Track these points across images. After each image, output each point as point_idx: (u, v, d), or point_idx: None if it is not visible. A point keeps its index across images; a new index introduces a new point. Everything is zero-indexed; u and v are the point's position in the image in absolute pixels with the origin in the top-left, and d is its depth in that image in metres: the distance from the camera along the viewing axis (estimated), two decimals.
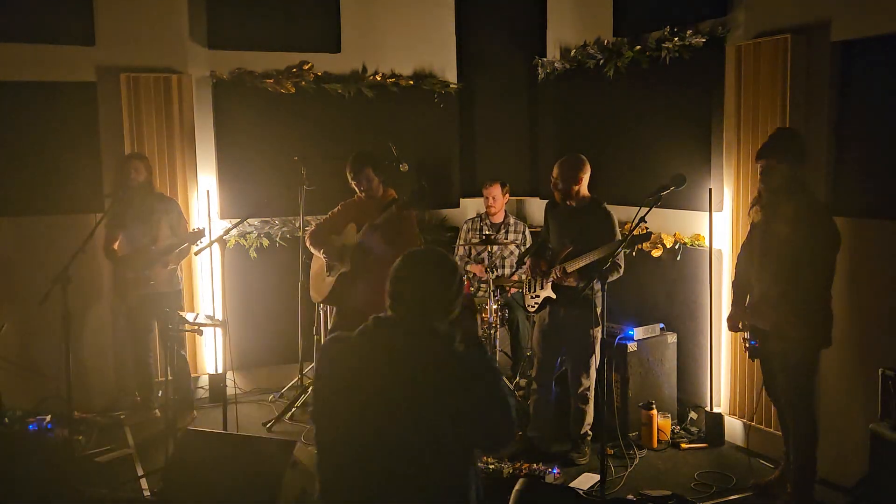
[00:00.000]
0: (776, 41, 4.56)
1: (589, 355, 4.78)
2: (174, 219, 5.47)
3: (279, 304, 6.28)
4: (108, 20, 5.80)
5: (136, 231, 5.41)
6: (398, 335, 2.52)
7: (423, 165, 6.59)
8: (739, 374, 4.90)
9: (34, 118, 5.69)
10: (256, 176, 6.21)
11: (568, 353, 4.87)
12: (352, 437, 2.49)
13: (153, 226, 5.39)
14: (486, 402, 2.47)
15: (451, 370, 2.47)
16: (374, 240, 4.79)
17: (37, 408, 5.23)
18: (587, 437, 4.90)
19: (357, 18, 6.47)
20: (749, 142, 4.74)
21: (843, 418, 4.40)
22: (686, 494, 4.27)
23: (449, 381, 2.45)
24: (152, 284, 5.38)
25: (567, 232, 4.77)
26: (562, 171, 4.72)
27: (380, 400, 2.46)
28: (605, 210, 4.71)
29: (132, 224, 5.41)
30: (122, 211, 5.36)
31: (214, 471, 3.72)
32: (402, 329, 2.53)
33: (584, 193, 4.75)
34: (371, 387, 2.48)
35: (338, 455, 2.54)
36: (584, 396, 4.84)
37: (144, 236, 5.39)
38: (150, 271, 5.36)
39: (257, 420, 5.63)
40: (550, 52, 6.67)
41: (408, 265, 2.61)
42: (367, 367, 2.51)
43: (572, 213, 4.76)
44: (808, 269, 3.91)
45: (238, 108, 6.16)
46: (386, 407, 2.45)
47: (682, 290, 5.42)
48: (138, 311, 5.49)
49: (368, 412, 2.46)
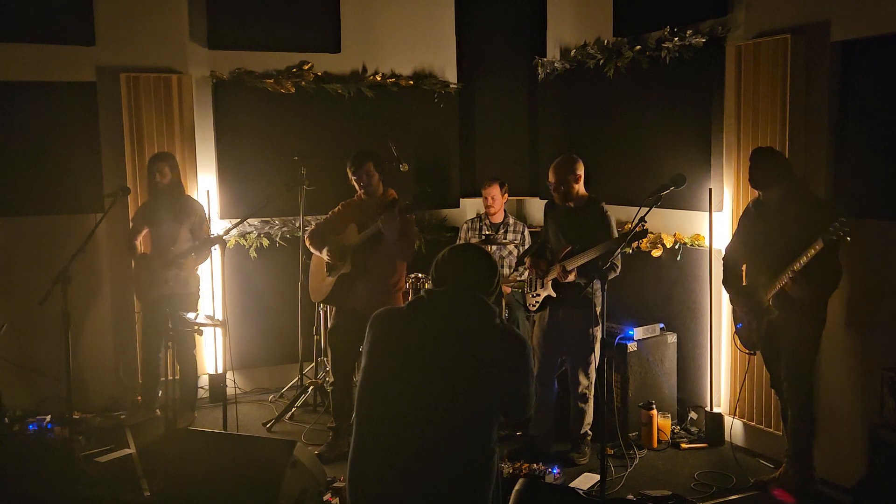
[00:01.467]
0: (776, 41, 4.56)
1: (588, 355, 4.79)
2: (195, 222, 5.48)
3: (279, 304, 6.29)
4: (108, 20, 5.80)
5: (160, 230, 5.44)
6: (446, 301, 2.80)
7: (423, 165, 6.59)
8: (739, 374, 4.90)
9: (34, 118, 5.70)
10: (256, 176, 6.22)
11: (567, 352, 4.88)
12: (394, 392, 2.74)
13: (177, 227, 5.42)
14: (519, 373, 2.76)
15: (493, 336, 2.76)
16: (392, 226, 4.69)
17: (37, 408, 5.23)
18: (587, 437, 4.91)
19: (357, 18, 6.47)
20: (749, 142, 4.73)
21: (843, 418, 4.40)
22: (686, 494, 4.28)
23: (489, 346, 2.74)
24: (168, 285, 5.39)
25: (565, 232, 4.78)
26: (557, 173, 4.72)
27: (423, 357, 2.73)
28: (602, 209, 4.72)
29: (159, 222, 5.44)
30: (152, 209, 5.41)
31: (214, 471, 3.73)
32: (451, 296, 2.81)
33: (582, 193, 4.76)
34: (416, 346, 2.76)
35: (378, 408, 2.77)
36: (584, 396, 4.85)
37: (167, 236, 5.41)
38: (166, 272, 5.37)
39: (257, 420, 5.63)
40: (550, 52, 6.67)
41: (454, 253, 2.91)
42: (414, 329, 2.79)
43: (570, 213, 4.77)
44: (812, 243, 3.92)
45: (238, 108, 6.17)
46: (429, 363, 2.72)
47: (682, 290, 5.42)
48: (152, 310, 5.49)
49: (411, 368, 2.73)
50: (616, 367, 5.16)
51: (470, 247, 3.03)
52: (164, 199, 5.43)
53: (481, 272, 2.87)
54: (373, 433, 2.79)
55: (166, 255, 5.37)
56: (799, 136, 4.54)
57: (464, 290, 2.82)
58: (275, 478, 3.58)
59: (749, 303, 4.28)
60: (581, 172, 4.72)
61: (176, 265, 5.36)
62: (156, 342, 5.57)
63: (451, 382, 2.71)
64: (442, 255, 2.91)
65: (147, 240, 5.56)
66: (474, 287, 2.84)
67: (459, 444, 2.71)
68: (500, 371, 2.73)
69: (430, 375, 2.72)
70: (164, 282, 5.38)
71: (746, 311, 4.31)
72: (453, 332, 2.76)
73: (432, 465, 2.71)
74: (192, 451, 3.87)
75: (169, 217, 5.42)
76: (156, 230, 5.47)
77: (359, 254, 4.93)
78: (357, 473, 2.82)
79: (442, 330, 2.77)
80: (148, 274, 5.42)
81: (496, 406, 2.74)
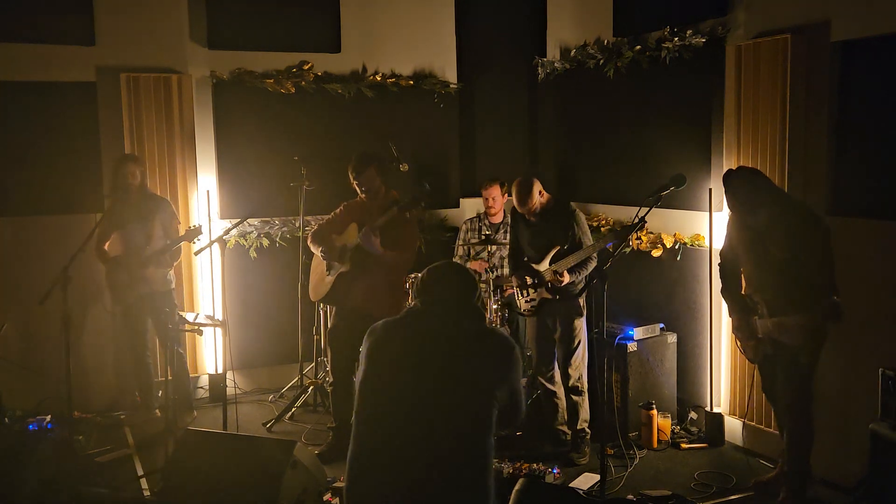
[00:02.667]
0: (776, 41, 4.56)
1: (573, 347, 4.80)
2: (166, 218, 5.47)
3: (279, 304, 6.28)
4: (108, 20, 5.79)
5: (131, 232, 5.40)
6: (440, 307, 2.99)
7: (423, 165, 6.59)
8: (739, 374, 4.90)
9: (34, 118, 5.69)
10: (256, 176, 6.21)
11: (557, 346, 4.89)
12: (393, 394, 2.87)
13: (147, 226, 5.39)
14: (510, 373, 2.90)
15: (485, 338, 2.96)
16: (373, 242, 4.78)
17: (37, 408, 5.23)
18: (586, 437, 4.91)
19: (357, 18, 6.47)
20: (749, 142, 4.74)
21: (843, 418, 4.40)
22: (686, 494, 4.28)
23: (482, 347, 2.92)
24: (147, 285, 5.39)
25: (537, 237, 4.85)
26: (521, 201, 4.77)
27: (421, 360, 2.89)
28: (570, 209, 4.79)
29: (128, 225, 5.40)
30: (118, 212, 5.36)
31: (214, 471, 3.72)
32: (444, 303, 2.99)
33: (543, 200, 4.80)
34: (414, 350, 2.92)
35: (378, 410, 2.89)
36: (576, 388, 4.86)
37: (139, 237, 5.38)
38: (144, 272, 5.36)
39: (257, 420, 5.63)
40: (550, 52, 6.66)
41: (435, 271, 3.08)
42: (411, 334, 2.97)
43: (540, 218, 4.82)
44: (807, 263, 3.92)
45: (238, 108, 6.16)
46: (426, 365, 2.87)
47: (682, 290, 5.42)
48: (135, 311, 5.48)
49: (410, 371, 2.88)
50: (616, 367, 5.16)
51: (448, 264, 3.20)
52: (132, 200, 5.37)
53: (464, 284, 3.06)
54: (372, 434, 2.86)
55: (141, 255, 5.34)
56: (799, 136, 4.54)
57: (454, 300, 3.00)
58: (275, 478, 3.58)
59: (744, 322, 4.23)
60: (540, 187, 4.77)
61: (154, 262, 5.34)
62: (142, 343, 5.57)
63: (449, 383, 2.84)
64: (422, 276, 3.08)
65: (116, 244, 5.49)
66: (461, 298, 3.02)
67: (458, 445, 2.80)
68: (493, 371, 2.88)
69: (428, 377, 2.86)
70: (144, 280, 5.36)
71: (743, 333, 4.25)
72: (449, 336, 2.93)
73: (432, 465, 2.77)
74: (192, 450, 3.87)
75: (137, 218, 5.37)
76: (127, 233, 5.40)
77: (358, 253, 4.93)
78: (356, 475, 2.87)
79: (438, 334, 2.93)
80: (125, 275, 5.39)
81: (491, 406, 2.84)
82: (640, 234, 5.54)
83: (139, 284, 5.38)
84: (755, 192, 4.00)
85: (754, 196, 4.00)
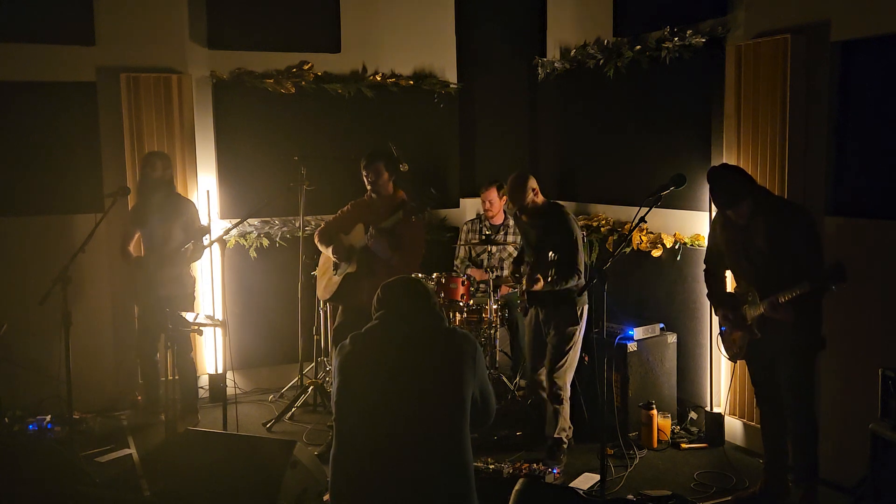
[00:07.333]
0: (776, 41, 4.56)
1: (562, 355, 4.72)
2: (187, 221, 5.43)
3: (279, 304, 6.28)
4: (108, 20, 5.80)
5: (152, 230, 5.38)
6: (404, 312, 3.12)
7: (423, 165, 6.59)
8: (739, 374, 4.90)
9: (34, 118, 5.69)
10: (256, 176, 6.22)
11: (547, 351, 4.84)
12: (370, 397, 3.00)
13: (168, 226, 5.38)
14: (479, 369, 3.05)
15: (448, 337, 3.08)
16: (380, 245, 4.81)
17: (37, 408, 5.23)
18: (562, 445, 4.75)
19: (357, 18, 6.47)
20: (749, 142, 4.74)
21: (843, 418, 4.40)
22: (686, 494, 4.28)
23: (447, 344, 3.05)
24: (166, 287, 5.35)
25: (530, 238, 4.85)
26: (516, 198, 4.75)
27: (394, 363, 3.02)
28: (561, 211, 4.76)
29: (150, 222, 5.39)
30: (142, 209, 5.37)
31: (214, 471, 3.73)
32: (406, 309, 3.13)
33: (539, 201, 4.78)
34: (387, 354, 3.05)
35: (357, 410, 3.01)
36: (557, 396, 4.74)
37: (159, 236, 5.37)
38: (162, 273, 5.33)
39: (257, 420, 5.63)
40: (550, 52, 6.67)
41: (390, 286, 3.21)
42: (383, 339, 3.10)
43: (533, 218, 4.81)
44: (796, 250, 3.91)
45: (238, 108, 6.17)
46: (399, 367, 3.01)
47: (682, 290, 5.42)
48: (150, 312, 5.46)
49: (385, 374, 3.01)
50: (616, 367, 5.16)
51: (402, 278, 3.31)
52: (155, 198, 5.36)
53: (419, 292, 3.19)
54: (352, 434, 3.00)
55: (160, 255, 5.34)
56: (799, 136, 4.54)
57: (413, 307, 3.14)
58: (275, 478, 3.59)
59: (733, 315, 4.20)
60: (534, 185, 4.75)
61: (171, 263, 5.33)
62: (153, 345, 5.56)
63: (421, 382, 3.00)
64: (378, 293, 3.21)
65: (139, 243, 5.51)
66: (420, 305, 3.15)
67: (435, 443, 2.95)
68: (461, 364, 3.01)
69: (401, 382, 3.00)
70: (161, 283, 5.33)
71: (730, 322, 4.23)
72: (414, 340, 3.07)
73: (411, 462, 2.93)
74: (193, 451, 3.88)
75: (159, 216, 5.36)
76: (148, 231, 5.41)
77: (365, 253, 4.94)
78: (338, 474, 3.02)
79: (404, 340, 3.07)
80: (144, 276, 5.38)
81: (465, 403, 2.99)
82: (640, 234, 5.55)
83: (158, 287, 5.32)
84: (735, 186, 4.00)
85: (735, 189, 3.99)
